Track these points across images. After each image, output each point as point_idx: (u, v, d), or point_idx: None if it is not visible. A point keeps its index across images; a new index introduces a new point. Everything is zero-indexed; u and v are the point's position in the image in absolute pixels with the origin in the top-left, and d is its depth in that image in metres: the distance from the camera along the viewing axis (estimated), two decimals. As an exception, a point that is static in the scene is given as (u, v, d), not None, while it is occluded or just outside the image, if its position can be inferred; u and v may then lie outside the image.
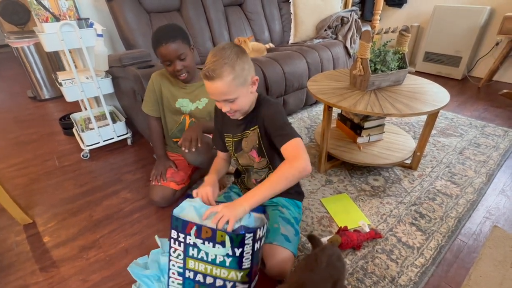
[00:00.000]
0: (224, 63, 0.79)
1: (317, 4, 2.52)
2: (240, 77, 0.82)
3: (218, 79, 0.79)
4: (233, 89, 0.82)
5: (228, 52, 0.80)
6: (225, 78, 0.79)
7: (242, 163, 1.07)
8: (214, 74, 0.79)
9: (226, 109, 0.87)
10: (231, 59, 0.80)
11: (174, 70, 1.19)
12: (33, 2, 1.50)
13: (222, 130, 1.06)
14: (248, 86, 0.86)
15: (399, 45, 1.45)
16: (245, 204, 0.79)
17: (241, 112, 0.91)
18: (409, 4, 3.25)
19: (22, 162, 1.79)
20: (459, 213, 1.28)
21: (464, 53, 2.78)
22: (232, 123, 1.00)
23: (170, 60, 1.17)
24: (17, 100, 2.87)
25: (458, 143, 1.82)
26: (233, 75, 0.80)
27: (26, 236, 1.26)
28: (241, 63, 0.81)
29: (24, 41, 2.58)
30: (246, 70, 0.83)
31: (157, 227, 1.27)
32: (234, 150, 1.04)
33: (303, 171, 0.81)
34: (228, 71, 0.79)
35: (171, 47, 1.13)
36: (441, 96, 1.38)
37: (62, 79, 1.66)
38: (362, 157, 1.51)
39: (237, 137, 1.01)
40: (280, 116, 0.90)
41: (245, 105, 0.89)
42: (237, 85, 0.82)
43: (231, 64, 0.79)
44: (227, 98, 0.83)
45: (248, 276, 0.81)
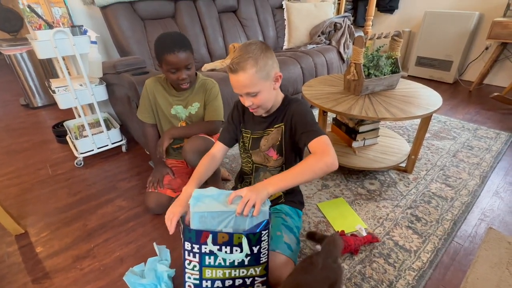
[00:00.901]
0: (248, 57, 0.81)
1: (310, 10, 2.56)
2: (263, 71, 0.84)
3: (241, 72, 0.82)
4: (255, 82, 0.83)
5: (253, 47, 0.83)
6: (248, 70, 0.81)
7: (255, 161, 1.06)
8: (238, 66, 0.81)
9: (249, 103, 0.88)
10: (255, 53, 0.82)
11: (179, 78, 1.18)
12: (26, 10, 1.50)
13: (238, 125, 1.05)
14: (271, 81, 0.88)
15: (391, 50, 1.47)
16: (269, 187, 0.77)
17: (263, 107, 0.91)
18: (400, 9, 3.31)
19: (14, 171, 1.76)
20: (454, 216, 1.29)
21: (455, 58, 2.84)
22: (255, 120, 1.00)
23: (178, 68, 1.16)
24: (9, 108, 2.83)
25: (452, 146, 1.84)
26: (256, 68, 0.82)
27: (18, 247, 1.23)
28: (265, 57, 0.84)
29: (17, 48, 2.56)
30: (269, 65, 0.85)
31: (153, 235, 1.26)
32: (250, 147, 1.04)
33: (331, 166, 0.79)
34: (251, 64, 0.81)
35: (181, 56, 1.14)
36: (434, 100, 1.40)
37: (55, 87, 1.65)
38: (357, 161, 1.52)
39: (257, 134, 1.01)
40: (310, 114, 0.92)
41: (267, 100, 0.90)
42: (260, 78, 0.83)
43: (255, 57, 0.82)
44: (249, 91, 0.85)
45: (265, 269, 0.82)
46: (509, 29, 2.32)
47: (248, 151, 1.06)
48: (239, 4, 2.39)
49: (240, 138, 1.06)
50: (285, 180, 0.79)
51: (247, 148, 1.05)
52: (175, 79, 1.19)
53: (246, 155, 1.08)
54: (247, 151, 1.06)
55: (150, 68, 1.79)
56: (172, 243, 1.19)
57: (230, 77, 0.86)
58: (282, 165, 1.03)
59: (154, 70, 1.66)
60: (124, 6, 1.81)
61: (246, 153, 1.07)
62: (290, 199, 1.10)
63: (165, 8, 1.99)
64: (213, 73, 1.83)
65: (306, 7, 2.56)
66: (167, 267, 1.02)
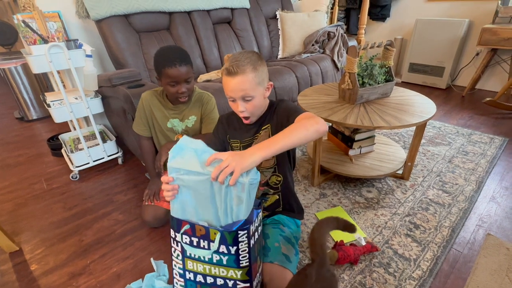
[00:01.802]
0: (247, 62, 0.84)
1: (304, 20, 2.59)
2: (260, 77, 0.87)
3: (240, 74, 0.84)
4: (252, 86, 0.86)
5: (250, 54, 0.87)
6: (247, 74, 0.84)
7: None
8: (238, 69, 0.83)
9: (242, 108, 0.89)
10: (253, 60, 0.86)
11: (178, 91, 1.19)
12: (21, 25, 1.50)
13: (225, 138, 1.05)
14: (264, 88, 0.91)
15: (384, 59, 1.50)
16: (257, 153, 0.69)
17: (254, 115, 0.94)
18: (392, 18, 3.37)
19: (8, 186, 1.74)
20: (452, 222, 1.29)
21: (447, 64, 2.88)
22: (242, 128, 1.01)
23: (178, 81, 1.17)
24: (3, 121, 2.81)
25: (447, 151, 1.86)
26: (255, 73, 0.85)
27: (12, 264, 1.21)
28: (261, 65, 0.88)
29: (11, 62, 2.56)
30: (264, 73, 0.90)
31: (150, 249, 1.24)
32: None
33: (322, 124, 0.77)
34: (250, 68, 0.84)
35: (183, 69, 1.15)
36: (428, 107, 1.41)
37: (51, 100, 1.64)
38: (354, 169, 1.53)
39: (246, 142, 1.01)
40: (293, 106, 0.94)
41: (259, 107, 0.93)
42: (257, 83, 0.86)
43: (253, 63, 0.85)
44: (246, 94, 0.86)
45: (248, 275, 0.79)
46: (498, 35, 2.37)
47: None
48: (233, 15, 2.42)
49: (230, 148, 1.06)
50: (276, 142, 0.71)
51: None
52: (174, 92, 1.19)
53: None
54: None
55: (146, 80, 1.79)
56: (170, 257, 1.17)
57: (226, 80, 0.86)
58: (274, 165, 1.02)
59: (150, 83, 1.66)
60: (119, 19, 1.82)
61: None
62: (288, 208, 1.10)
63: (160, 20, 2.01)
64: (209, 84, 1.84)
65: (299, 17, 2.60)
66: (165, 283, 1.01)
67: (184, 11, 2.11)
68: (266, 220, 1.10)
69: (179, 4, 2.05)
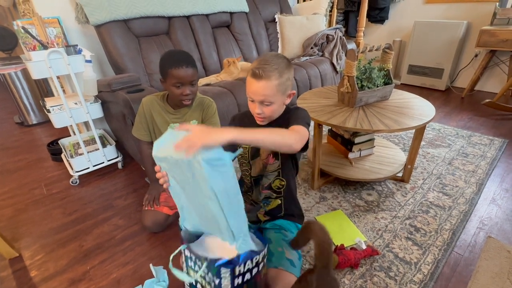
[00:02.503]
0: (275, 68, 0.84)
1: (303, 23, 2.60)
2: (283, 85, 0.87)
3: (265, 80, 0.84)
4: (274, 93, 0.86)
5: (280, 60, 0.87)
6: (272, 81, 0.84)
7: (253, 173, 1.05)
8: (264, 74, 0.84)
9: (259, 111, 0.90)
10: (281, 67, 0.86)
11: (183, 93, 1.19)
12: (21, 31, 1.50)
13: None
14: (285, 96, 0.92)
15: (383, 62, 1.50)
16: (226, 133, 0.66)
17: (269, 118, 0.95)
18: (391, 20, 3.38)
19: (8, 192, 1.73)
20: (453, 225, 1.29)
21: (446, 65, 2.89)
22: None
23: (183, 83, 1.17)
24: (3, 126, 2.81)
25: (447, 153, 1.86)
26: (279, 81, 0.85)
27: (12, 271, 1.21)
28: (288, 73, 0.88)
29: (11, 67, 2.57)
30: (289, 81, 0.90)
31: (150, 254, 1.24)
32: (250, 157, 1.04)
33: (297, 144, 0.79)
34: (276, 76, 0.85)
35: (189, 71, 1.17)
36: (427, 110, 1.41)
37: (50, 106, 1.65)
38: (354, 172, 1.52)
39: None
40: (303, 115, 0.94)
41: (276, 112, 0.93)
42: (279, 91, 0.87)
43: (280, 70, 0.85)
44: (266, 100, 0.87)
45: None
46: (496, 37, 2.38)
47: (248, 162, 1.05)
48: (232, 19, 2.43)
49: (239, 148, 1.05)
50: (253, 132, 0.71)
51: (247, 159, 1.05)
52: (179, 94, 1.20)
53: (245, 167, 1.07)
54: (247, 163, 1.06)
55: (145, 85, 1.80)
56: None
57: (250, 81, 0.87)
58: (278, 169, 1.02)
59: (149, 87, 1.67)
60: (118, 24, 1.83)
61: (246, 165, 1.07)
62: (289, 213, 1.09)
63: (159, 25, 2.01)
64: (208, 88, 1.84)
65: (298, 20, 2.61)
66: (165, 289, 1.01)
67: (183, 15, 2.12)
68: (267, 225, 1.10)
69: (178, 9, 2.06)
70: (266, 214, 1.09)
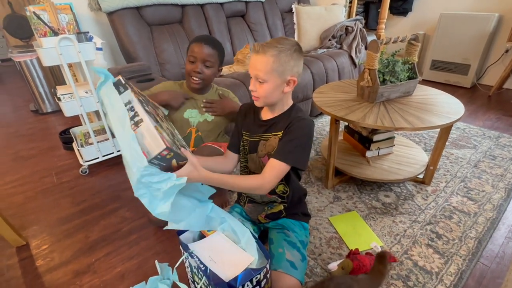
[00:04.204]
0: (275, 46, 0.81)
1: (321, 14, 2.49)
2: (280, 66, 0.82)
3: (261, 54, 0.82)
4: (267, 70, 0.82)
5: (286, 42, 0.83)
6: (268, 57, 0.81)
7: (251, 168, 1.01)
8: (261, 48, 0.82)
9: (253, 88, 0.87)
10: (283, 47, 0.82)
11: (193, 69, 1.18)
12: (33, 17, 1.48)
13: (240, 128, 1.02)
14: (283, 80, 0.85)
15: (408, 55, 1.39)
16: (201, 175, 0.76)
17: (263, 100, 0.89)
18: (414, 12, 3.21)
19: (19, 179, 1.74)
20: (479, 233, 1.19)
21: (473, 61, 2.71)
22: (255, 122, 0.97)
23: (196, 58, 1.16)
24: (19, 113, 2.85)
25: (472, 155, 1.73)
26: (275, 59, 0.81)
27: (18, 259, 1.20)
28: (289, 56, 0.83)
29: (27, 55, 2.58)
30: (289, 65, 0.83)
31: (156, 249, 1.20)
32: (248, 150, 0.99)
33: (256, 189, 0.85)
34: (274, 53, 0.81)
35: (205, 48, 1.15)
36: (455, 107, 1.31)
37: (61, 94, 1.63)
38: (371, 172, 1.44)
39: (255, 138, 0.96)
40: (303, 136, 0.88)
41: (270, 95, 0.87)
42: (274, 70, 0.82)
43: (280, 50, 0.81)
44: (259, 74, 0.83)
45: None
46: (532, 31, 2.20)
47: (246, 155, 1.01)
48: (247, 9, 2.35)
49: (241, 141, 1.02)
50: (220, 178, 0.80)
51: (246, 151, 1.01)
52: (190, 70, 1.18)
53: (244, 159, 1.04)
54: (245, 156, 1.02)
55: (156, 74, 1.75)
56: (175, 260, 1.13)
57: (252, 56, 0.86)
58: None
59: (160, 77, 1.62)
60: (130, 12, 1.78)
61: (244, 157, 1.03)
62: (293, 212, 1.04)
63: (172, 13, 1.96)
64: (221, 79, 1.78)
65: (316, 11, 2.50)
66: (169, 287, 0.96)
67: (197, 3, 2.05)
68: (269, 224, 1.05)
69: (192, -3, 2.00)
70: (266, 217, 1.05)
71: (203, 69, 1.18)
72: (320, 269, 1.07)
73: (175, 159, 0.68)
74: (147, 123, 0.64)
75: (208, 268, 0.73)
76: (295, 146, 0.85)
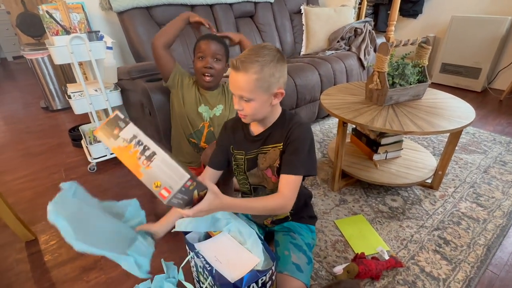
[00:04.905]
0: (256, 60, 0.75)
1: (330, 15, 2.48)
2: (265, 82, 0.76)
3: (242, 72, 0.75)
4: (252, 89, 0.76)
5: (266, 52, 0.76)
6: (250, 75, 0.75)
7: (253, 182, 0.98)
8: (241, 65, 0.75)
9: (239, 107, 0.81)
10: (265, 60, 0.75)
11: (204, 66, 1.20)
12: (45, 16, 1.51)
13: (228, 147, 0.97)
14: (270, 94, 0.80)
15: (418, 58, 1.38)
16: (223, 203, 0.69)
17: (252, 117, 0.84)
18: (425, 14, 3.17)
19: (29, 175, 1.77)
20: (488, 240, 1.17)
21: (484, 65, 2.67)
22: (247, 139, 0.92)
23: (205, 54, 1.19)
24: (30, 110, 2.90)
25: (482, 160, 1.71)
26: (258, 76, 0.75)
27: (27, 254, 1.22)
28: (273, 68, 0.77)
29: (39, 52, 2.62)
30: (274, 78, 0.78)
31: (162, 248, 1.21)
32: (246, 168, 0.95)
33: (280, 209, 0.81)
34: (256, 69, 0.75)
35: (212, 44, 1.19)
36: (465, 111, 1.29)
37: (71, 91, 1.65)
38: (379, 175, 1.42)
39: (251, 154, 0.92)
40: (306, 142, 0.84)
41: (258, 112, 0.82)
42: (258, 87, 0.76)
43: (262, 64, 0.75)
44: (243, 94, 0.78)
45: None
46: (546, 35, 2.15)
47: (244, 173, 0.97)
48: (256, 9, 2.35)
49: (233, 160, 0.97)
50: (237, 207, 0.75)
51: (242, 170, 0.96)
52: (201, 67, 1.20)
53: (242, 176, 1.00)
54: (243, 173, 0.98)
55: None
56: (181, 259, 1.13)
57: (231, 73, 0.79)
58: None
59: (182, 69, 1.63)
60: (140, 12, 1.80)
61: (242, 174, 0.99)
62: (299, 216, 1.03)
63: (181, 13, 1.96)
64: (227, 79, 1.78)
65: (325, 12, 2.49)
66: (174, 286, 0.97)
67: (206, 4, 2.06)
68: (275, 227, 1.05)
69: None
70: (272, 222, 1.05)
71: (214, 64, 1.20)
72: (325, 272, 1.07)
73: (196, 189, 0.62)
74: (161, 154, 0.59)
75: (214, 268, 0.73)
76: (302, 156, 0.82)
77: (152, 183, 0.58)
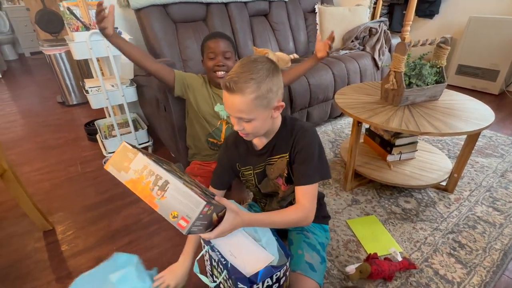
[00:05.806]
0: (251, 78, 0.69)
1: (344, 15, 2.46)
2: (264, 99, 0.72)
3: (238, 94, 0.69)
4: (251, 109, 0.71)
5: (260, 66, 0.71)
6: (247, 95, 0.69)
7: (266, 191, 0.97)
8: (235, 87, 0.69)
9: (239, 128, 0.77)
10: (260, 76, 0.70)
11: (216, 64, 1.21)
12: (66, 12, 1.54)
13: (234, 165, 0.94)
14: (270, 110, 0.76)
15: (436, 58, 1.36)
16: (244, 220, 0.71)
17: (254, 135, 0.81)
18: (441, 14, 3.11)
19: (46, 167, 1.82)
20: (504, 245, 1.15)
21: (502, 67, 2.61)
22: (251, 153, 0.90)
23: (216, 53, 1.20)
24: (47, 104, 2.98)
25: (499, 164, 1.67)
26: (256, 94, 0.70)
27: (45, 243, 1.26)
28: (270, 82, 0.72)
29: (57, 48, 2.69)
30: (273, 93, 0.73)
31: (175, 241, 1.23)
32: (257, 182, 0.94)
33: (302, 222, 0.79)
34: (252, 88, 0.69)
35: (221, 42, 1.20)
36: (484, 114, 1.27)
37: (89, 87, 1.69)
38: (392, 176, 1.41)
39: (259, 168, 0.91)
40: (314, 148, 0.80)
41: (260, 129, 0.78)
42: (258, 106, 0.72)
43: (258, 81, 0.70)
44: (242, 116, 0.73)
45: None
46: None
47: (255, 186, 0.96)
48: (270, 8, 2.35)
49: (241, 176, 0.95)
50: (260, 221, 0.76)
51: (253, 184, 0.96)
52: (212, 66, 1.21)
53: (254, 189, 0.99)
54: (254, 187, 0.97)
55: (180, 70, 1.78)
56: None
57: (224, 94, 0.73)
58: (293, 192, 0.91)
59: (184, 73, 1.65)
60: (157, 9, 1.82)
61: (253, 188, 0.98)
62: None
63: (197, 11, 1.99)
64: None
65: (340, 12, 2.47)
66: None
67: (221, 2, 2.07)
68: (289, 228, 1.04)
69: (217, -5, 2.02)
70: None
71: (225, 61, 1.21)
72: (337, 271, 1.07)
73: (214, 212, 0.61)
74: (174, 183, 0.57)
75: (229, 262, 0.74)
76: (314, 164, 0.79)
77: (168, 214, 0.57)
